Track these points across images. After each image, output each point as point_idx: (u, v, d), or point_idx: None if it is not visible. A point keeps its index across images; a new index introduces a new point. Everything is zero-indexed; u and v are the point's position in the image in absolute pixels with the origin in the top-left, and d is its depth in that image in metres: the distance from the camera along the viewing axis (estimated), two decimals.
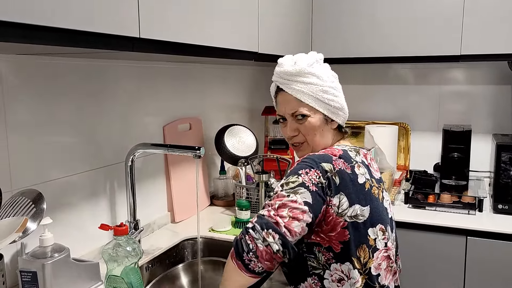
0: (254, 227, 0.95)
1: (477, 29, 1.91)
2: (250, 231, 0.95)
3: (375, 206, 1.05)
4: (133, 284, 1.13)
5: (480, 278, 1.71)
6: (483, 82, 2.26)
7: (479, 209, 1.84)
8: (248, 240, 0.94)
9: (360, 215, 1.02)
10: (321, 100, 1.11)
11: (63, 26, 0.81)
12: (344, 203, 1.00)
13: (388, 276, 1.06)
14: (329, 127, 1.14)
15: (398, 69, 2.42)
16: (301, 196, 0.96)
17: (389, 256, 1.07)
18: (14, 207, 1.08)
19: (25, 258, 1.13)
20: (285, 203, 0.95)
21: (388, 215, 1.11)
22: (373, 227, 1.04)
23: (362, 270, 1.01)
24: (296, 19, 2.00)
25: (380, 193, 1.11)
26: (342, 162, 1.04)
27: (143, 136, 1.64)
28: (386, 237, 1.07)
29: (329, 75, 1.13)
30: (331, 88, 1.11)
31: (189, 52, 1.22)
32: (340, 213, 1.00)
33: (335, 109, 1.12)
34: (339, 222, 1.00)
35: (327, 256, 1.02)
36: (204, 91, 2.03)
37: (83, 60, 1.36)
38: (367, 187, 1.05)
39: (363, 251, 1.01)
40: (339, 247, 1.01)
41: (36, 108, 1.22)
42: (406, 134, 2.42)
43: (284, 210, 0.94)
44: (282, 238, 0.93)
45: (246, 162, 1.89)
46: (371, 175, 1.10)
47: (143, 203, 1.66)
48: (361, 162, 1.09)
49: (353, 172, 1.04)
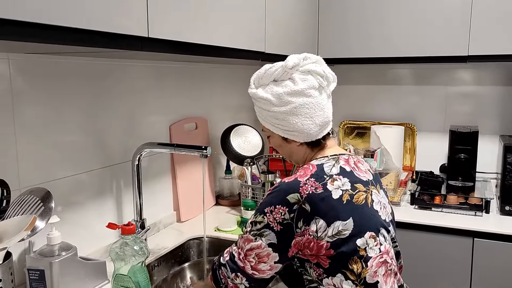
0: (225, 265, 1.05)
1: (484, 29, 1.90)
2: (222, 268, 1.06)
3: (360, 215, 1.01)
4: (140, 283, 1.13)
5: (486, 280, 1.70)
6: (490, 83, 2.25)
7: (486, 211, 1.83)
8: (221, 275, 1.06)
9: (343, 230, 0.99)
10: (272, 125, 1.11)
11: (73, 25, 0.81)
12: (321, 226, 0.98)
13: (388, 280, 1.04)
14: (292, 145, 1.13)
15: (405, 70, 2.41)
16: (266, 238, 1.01)
17: (386, 261, 1.04)
18: (22, 206, 1.09)
19: (33, 256, 1.13)
20: (252, 247, 1.02)
21: (381, 217, 1.07)
22: (361, 237, 1.00)
23: (358, 281, 0.99)
24: (303, 19, 2.00)
25: (369, 197, 1.06)
26: (312, 183, 1.01)
27: (150, 136, 1.65)
28: (379, 242, 1.03)
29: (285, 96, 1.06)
30: (282, 113, 1.06)
31: (197, 51, 1.23)
32: (320, 237, 0.98)
33: (290, 131, 1.09)
34: (322, 245, 0.98)
35: (318, 271, 1.01)
36: (210, 91, 2.03)
37: (90, 60, 1.37)
38: (346, 199, 1.01)
39: (355, 263, 0.99)
40: (327, 262, 1.00)
41: (44, 107, 1.23)
42: (412, 135, 2.41)
43: (251, 254, 1.02)
44: (248, 280, 1.03)
45: (252, 162, 1.89)
46: (354, 181, 1.05)
47: (149, 202, 1.66)
48: (338, 173, 1.04)
49: (325, 189, 1.00)
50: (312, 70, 1.07)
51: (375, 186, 1.12)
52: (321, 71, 1.08)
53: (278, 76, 1.08)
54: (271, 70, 1.09)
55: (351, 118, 2.56)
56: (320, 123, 1.09)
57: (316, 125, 1.08)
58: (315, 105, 1.07)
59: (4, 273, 1.00)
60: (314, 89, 1.07)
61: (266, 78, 1.10)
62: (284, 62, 1.08)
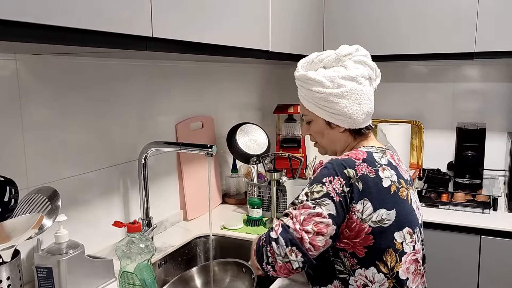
0: (277, 239, 0.96)
1: (491, 25, 1.88)
2: (273, 244, 0.97)
3: (402, 209, 1.03)
4: (146, 281, 1.14)
5: (494, 278, 1.69)
6: (498, 80, 2.24)
7: (494, 208, 1.82)
8: (269, 253, 0.97)
9: (385, 219, 0.99)
10: (319, 107, 1.11)
11: (78, 26, 0.82)
12: (368, 208, 0.98)
13: (416, 279, 1.04)
14: (335, 131, 1.13)
15: (411, 67, 2.40)
16: (326, 208, 0.97)
17: (417, 259, 1.04)
18: (30, 204, 1.10)
19: (41, 254, 1.15)
20: (311, 215, 0.96)
21: (417, 216, 1.08)
22: (399, 231, 1.01)
23: (390, 275, 1.00)
24: (308, 17, 2.00)
25: (409, 195, 1.08)
26: (365, 166, 1.02)
27: (156, 134, 1.66)
28: (414, 240, 1.04)
29: (338, 79, 1.07)
30: (334, 96, 1.07)
31: (201, 51, 1.23)
32: (364, 219, 0.98)
33: (337, 115, 1.09)
34: (363, 228, 0.98)
35: (352, 261, 1.01)
36: (216, 90, 2.04)
37: (97, 60, 1.38)
38: (393, 190, 1.03)
39: (389, 256, 0.99)
40: (363, 251, 1.00)
41: (51, 107, 1.24)
42: (419, 133, 2.40)
43: (309, 224, 0.95)
44: (304, 256, 0.95)
45: (258, 160, 1.90)
46: (399, 176, 1.07)
47: (156, 200, 1.67)
48: (387, 164, 1.06)
49: (377, 175, 1.02)
50: (364, 61, 1.11)
51: (412, 186, 1.14)
52: (372, 64, 1.13)
53: (329, 62, 1.10)
54: (322, 56, 1.11)
55: None
56: (367, 111, 1.11)
57: (363, 112, 1.09)
58: (365, 93, 1.09)
59: (13, 271, 1.02)
60: (365, 79, 1.10)
61: (316, 64, 1.12)
62: (337, 50, 1.11)
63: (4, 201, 1.04)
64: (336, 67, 1.10)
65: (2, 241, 0.96)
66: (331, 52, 1.11)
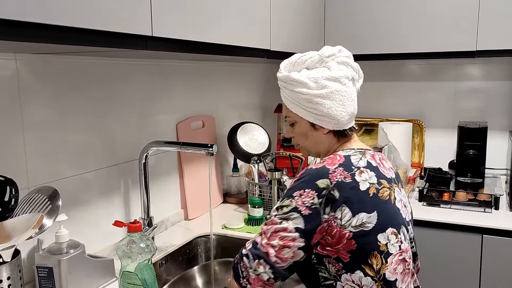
0: (247, 255, 1.02)
1: (493, 24, 1.88)
2: (244, 259, 1.02)
3: (384, 210, 1.02)
4: (146, 281, 1.14)
5: (496, 277, 1.69)
6: (499, 78, 2.23)
7: (495, 207, 1.81)
8: (242, 268, 1.02)
9: (367, 223, 0.99)
10: (303, 109, 1.10)
11: (77, 25, 0.82)
12: (346, 214, 0.99)
13: (406, 279, 1.03)
14: (319, 133, 1.13)
15: (413, 66, 2.39)
16: (293, 222, 0.99)
17: (405, 259, 1.04)
18: (30, 204, 1.10)
19: (42, 254, 1.15)
20: (277, 230, 0.99)
21: (402, 215, 1.08)
22: (383, 232, 1.01)
23: (377, 277, 0.99)
24: (309, 15, 2.00)
25: (392, 194, 1.07)
26: (341, 172, 1.02)
27: (157, 134, 1.65)
28: (400, 240, 1.03)
29: (322, 80, 1.07)
30: (318, 97, 1.07)
31: (202, 50, 1.23)
32: (343, 225, 0.98)
33: (321, 116, 1.09)
34: (343, 234, 0.98)
35: (337, 266, 1.01)
36: (217, 89, 2.03)
37: (97, 59, 1.38)
38: (372, 193, 1.02)
39: (375, 258, 0.99)
40: (347, 256, 0.99)
41: (51, 106, 1.24)
42: (421, 131, 2.40)
43: (275, 239, 0.99)
44: (272, 268, 0.99)
45: (259, 159, 1.89)
46: (380, 176, 1.06)
47: (157, 200, 1.67)
48: (366, 166, 1.06)
49: (353, 180, 1.01)
50: (347, 62, 1.11)
51: (397, 184, 1.13)
52: (355, 65, 1.13)
53: (313, 63, 1.10)
54: (305, 57, 1.11)
55: (359, 114, 2.55)
56: (351, 112, 1.11)
57: (347, 113, 1.09)
58: (348, 94, 1.09)
59: (13, 271, 1.02)
60: (348, 79, 1.10)
61: (299, 65, 1.12)
62: (320, 51, 1.11)
63: (4, 200, 1.04)
64: (320, 68, 1.10)
65: (2, 241, 0.96)
66: (314, 53, 1.11)
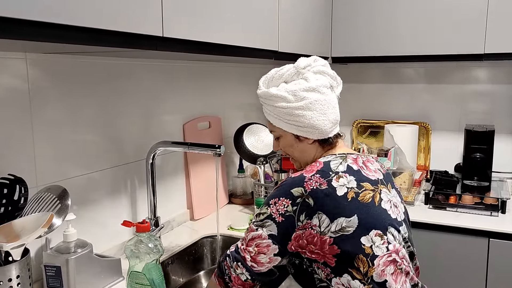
0: (229, 255, 1.08)
1: (501, 27, 1.87)
2: (227, 259, 1.08)
3: (365, 213, 1.02)
4: (154, 281, 1.14)
5: (502, 281, 1.68)
6: (506, 81, 2.22)
7: (502, 211, 1.80)
8: (225, 266, 1.08)
9: (347, 227, 0.99)
10: (286, 122, 1.12)
11: (87, 25, 0.82)
12: (324, 221, 0.99)
13: (399, 279, 1.03)
14: (304, 143, 1.14)
15: (420, 68, 2.39)
16: (267, 229, 1.03)
17: (395, 260, 1.03)
18: (39, 203, 1.10)
19: (50, 253, 1.15)
20: (253, 237, 1.04)
21: (390, 216, 1.06)
22: (366, 235, 1.00)
23: (365, 280, 0.99)
24: (316, 17, 1.99)
25: (377, 195, 1.06)
26: (317, 179, 1.03)
27: (163, 134, 1.66)
28: (387, 241, 1.02)
29: (300, 92, 1.08)
30: (298, 109, 1.08)
31: (211, 51, 1.23)
32: (323, 232, 0.99)
33: (304, 127, 1.10)
34: (325, 240, 1.00)
35: (326, 271, 1.02)
36: (224, 90, 2.04)
37: (106, 59, 1.38)
38: (350, 197, 1.02)
39: (360, 262, 0.99)
40: (333, 260, 1.00)
41: (60, 106, 1.25)
42: (427, 134, 2.39)
43: (252, 245, 1.04)
44: (248, 271, 1.04)
45: (265, 160, 1.89)
46: (361, 180, 1.06)
47: (163, 200, 1.67)
48: (345, 171, 1.06)
49: (329, 186, 1.02)
50: (323, 71, 1.13)
51: (386, 185, 1.12)
52: (332, 73, 1.15)
53: (290, 76, 1.13)
54: (281, 72, 1.14)
55: (365, 117, 2.54)
56: (333, 120, 1.12)
57: (330, 121, 1.11)
58: (328, 102, 1.11)
59: (22, 269, 1.02)
60: (326, 88, 1.12)
61: (277, 79, 1.14)
62: (295, 64, 1.13)
63: (14, 199, 1.04)
64: (297, 80, 1.12)
65: (12, 240, 0.96)
66: (290, 66, 1.13)
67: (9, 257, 1.02)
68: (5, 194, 1.04)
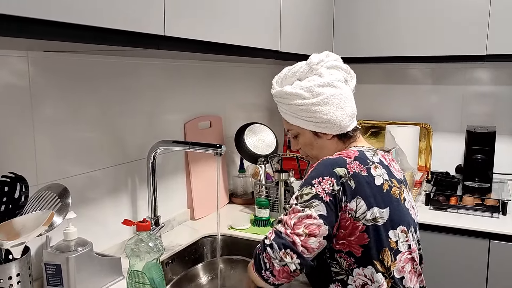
0: (271, 245, 0.97)
1: (503, 28, 1.87)
2: (267, 249, 0.98)
3: (395, 208, 1.03)
4: (154, 280, 1.14)
5: (503, 282, 1.68)
6: (508, 83, 2.22)
7: (503, 212, 1.80)
8: (265, 259, 0.98)
9: (379, 218, 1.00)
10: (303, 119, 1.11)
11: (91, 24, 0.82)
12: (361, 206, 0.99)
13: (413, 278, 1.04)
14: (323, 139, 1.13)
15: (421, 69, 2.39)
16: (316, 209, 0.97)
17: (413, 258, 1.04)
18: (40, 201, 1.10)
19: (50, 251, 1.15)
20: (301, 218, 0.97)
21: (411, 216, 1.09)
22: (393, 229, 1.01)
23: (387, 274, 0.99)
24: (318, 18, 1.99)
25: (402, 194, 1.08)
26: (357, 165, 1.02)
27: (164, 133, 1.66)
28: (409, 239, 1.04)
29: (315, 88, 1.07)
30: (315, 105, 1.07)
31: (212, 50, 1.23)
32: (357, 217, 0.99)
33: (322, 123, 1.09)
34: (357, 227, 0.99)
35: (349, 261, 1.01)
36: (225, 90, 2.03)
37: (107, 58, 1.38)
38: (386, 188, 1.03)
39: (386, 255, 0.99)
40: (359, 251, 0.99)
41: (61, 104, 1.25)
42: (428, 135, 2.39)
43: (300, 227, 0.96)
44: (299, 258, 0.95)
45: (266, 160, 1.89)
46: (390, 175, 1.08)
47: (164, 199, 1.67)
48: (379, 163, 1.07)
49: (369, 174, 1.02)
50: (336, 65, 1.12)
51: (406, 186, 1.14)
52: (345, 67, 1.14)
53: (303, 73, 1.11)
54: (294, 69, 1.12)
55: (366, 117, 2.54)
56: (351, 113, 1.12)
57: (347, 115, 1.10)
58: (344, 96, 1.10)
59: (23, 267, 1.02)
60: (341, 82, 1.11)
61: (290, 77, 1.13)
62: (308, 60, 1.12)
63: (14, 197, 1.04)
64: (311, 76, 1.11)
65: (12, 238, 0.96)
66: (302, 63, 1.12)
67: (9, 255, 1.02)
68: (6, 192, 1.04)
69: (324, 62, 1.11)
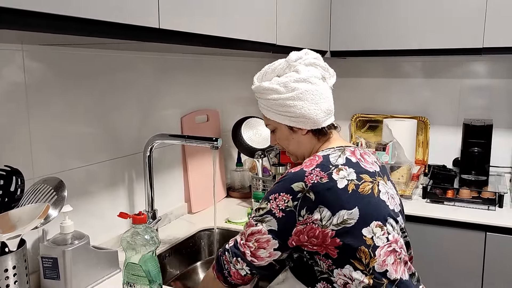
0: (228, 250, 1.07)
1: (500, 21, 1.86)
2: (226, 253, 1.08)
3: (366, 205, 1.03)
4: (150, 272, 1.14)
5: (499, 275, 1.69)
6: (505, 76, 2.22)
7: (499, 205, 1.81)
8: (224, 261, 1.08)
9: (348, 219, 1.00)
10: (278, 114, 1.13)
11: (84, 16, 0.82)
12: (325, 214, 1.00)
13: (398, 268, 1.04)
14: (299, 135, 1.15)
15: (418, 63, 2.38)
16: (267, 224, 1.03)
17: (395, 249, 1.04)
18: (36, 194, 1.10)
19: (46, 245, 1.15)
20: (253, 232, 1.04)
21: (389, 207, 1.08)
22: (367, 226, 1.02)
23: (366, 271, 1.00)
24: (315, 11, 1.99)
25: (376, 187, 1.07)
26: (317, 173, 1.03)
27: (161, 127, 1.66)
28: (387, 231, 1.04)
29: (291, 83, 1.10)
30: (289, 99, 1.10)
31: (208, 43, 1.23)
32: (324, 225, 1.00)
33: (296, 118, 1.11)
34: (326, 234, 1.00)
35: (327, 263, 1.02)
36: (221, 83, 2.03)
37: (103, 52, 1.38)
38: (351, 189, 1.03)
39: (362, 253, 1.00)
40: (335, 252, 1.01)
41: (57, 98, 1.24)
42: (425, 128, 2.39)
43: (251, 240, 1.04)
44: (249, 266, 1.04)
45: (263, 154, 1.89)
46: (360, 172, 1.07)
47: (161, 193, 1.68)
48: (344, 164, 1.06)
49: (330, 179, 1.02)
50: (315, 63, 1.15)
51: (382, 177, 1.13)
52: (323, 64, 1.16)
53: (282, 70, 1.14)
54: (274, 66, 1.16)
55: (363, 111, 2.54)
56: (325, 109, 1.13)
57: (322, 111, 1.12)
58: (319, 92, 1.12)
59: (19, 260, 1.02)
60: (317, 78, 1.13)
61: (270, 74, 1.16)
62: (287, 57, 1.15)
63: (10, 191, 1.04)
64: (289, 72, 1.13)
65: (8, 231, 0.96)
66: (282, 60, 1.15)
67: (5, 247, 1.02)
68: (2, 186, 1.04)
69: (302, 60, 1.14)
